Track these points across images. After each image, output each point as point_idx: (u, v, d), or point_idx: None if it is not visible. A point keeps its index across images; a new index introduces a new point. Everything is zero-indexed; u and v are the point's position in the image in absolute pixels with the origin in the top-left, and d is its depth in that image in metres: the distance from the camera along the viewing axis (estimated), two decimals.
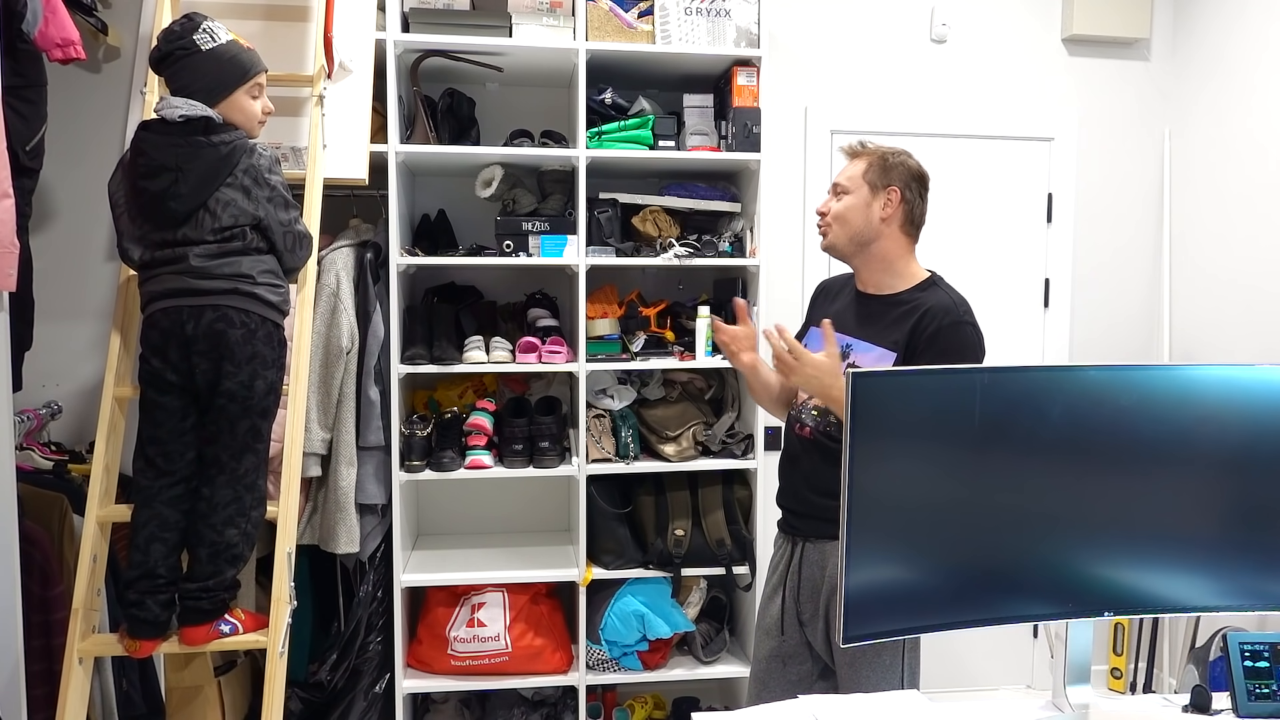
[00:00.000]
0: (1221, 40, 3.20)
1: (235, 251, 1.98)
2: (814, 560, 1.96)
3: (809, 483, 1.98)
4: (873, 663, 1.85)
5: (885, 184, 1.91)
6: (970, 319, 1.86)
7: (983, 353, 1.87)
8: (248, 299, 1.97)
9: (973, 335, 1.85)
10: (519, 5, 2.68)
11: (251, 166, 1.99)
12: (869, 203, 1.91)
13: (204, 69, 1.98)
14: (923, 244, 3.30)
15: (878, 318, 1.92)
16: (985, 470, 1.50)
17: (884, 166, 1.91)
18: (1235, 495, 1.56)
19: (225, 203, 1.97)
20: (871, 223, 1.91)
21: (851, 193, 1.92)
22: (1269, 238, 2.98)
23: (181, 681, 2.43)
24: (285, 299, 2.08)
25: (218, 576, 1.98)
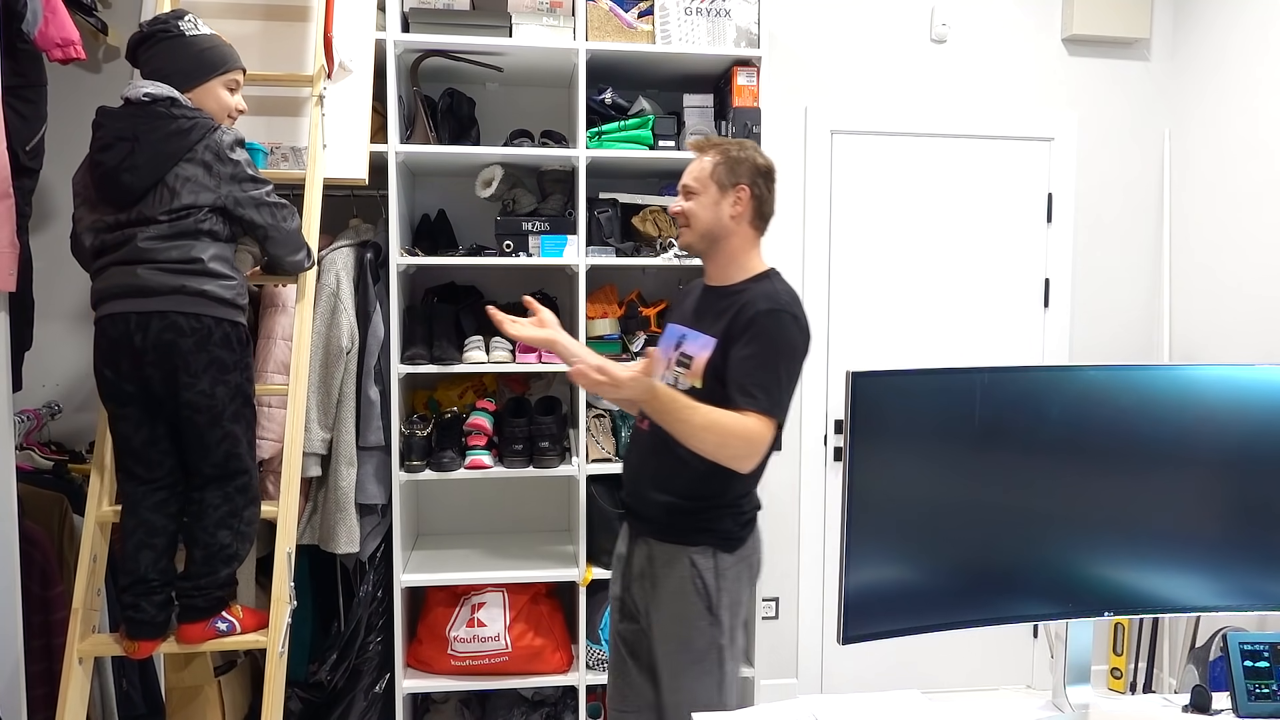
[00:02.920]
0: (1222, 40, 3.20)
1: (187, 233, 1.85)
2: (643, 557, 1.95)
3: (644, 477, 1.95)
4: (690, 669, 1.85)
5: (733, 182, 1.87)
6: (791, 310, 1.82)
7: (800, 345, 1.83)
8: (196, 299, 1.85)
9: (789, 324, 1.80)
10: (519, 5, 2.68)
11: (214, 143, 1.89)
12: (718, 201, 1.87)
13: (182, 53, 1.95)
14: (923, 244, 3.32)
15: (711, 307, 1.90)
16: (985, 470, 1.50)
17: (731, 164, 1.87)
18: (1235, 495, 1.56)
19: (185, 179, 1.86)
20: (722, 220, 1.88)
21: (700, 193, 1.89)
22: (1269, 237, 2.98)
23: (181, 681, 2.43)
24: (240, 293, 1.94)
25: (211, 575, 1.97)
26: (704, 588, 1.85)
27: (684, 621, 1.86)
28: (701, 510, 1.87)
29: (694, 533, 1.87)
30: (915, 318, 3.34)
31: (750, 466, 1.78)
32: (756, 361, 1.77)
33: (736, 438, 1.74)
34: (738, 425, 1.74)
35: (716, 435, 1.73)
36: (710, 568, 1.86)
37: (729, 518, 1.89)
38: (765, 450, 1.78)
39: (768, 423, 1.75)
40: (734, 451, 1.75)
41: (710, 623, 1.85)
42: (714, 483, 1.84)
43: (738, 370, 1.78)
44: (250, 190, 1.94)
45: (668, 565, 1.88)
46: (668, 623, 1.88)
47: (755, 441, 1.75)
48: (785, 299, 1.83)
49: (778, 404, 1.77)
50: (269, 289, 2.57)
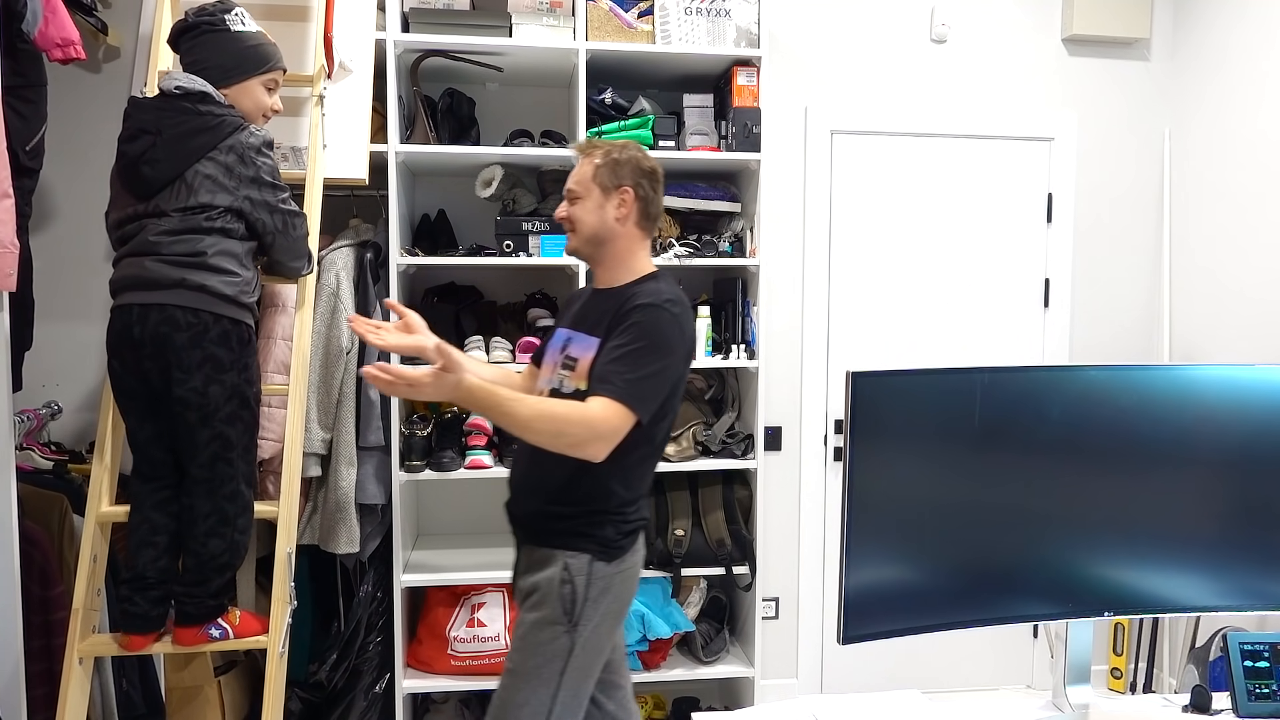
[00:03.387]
0: (1221, 40, 3.20)
1: (196, 229, 1.84)
2: (523, 565, 1.87)
3: (521, 481, 1.90)
4: (527, 672, 1.76)
5: (616, 184, 1.83)
6: (672, 308, 1.76)
7: (674, 341, 1.76)
8: (196, 293, 1.82)
9: (664, 320, 1.75)
10: (519, 5, 2.68)
11: (239, 143, 1.87)
12: (602, 204, 1.83)
13: (226, 47, 1.94)
14: (923, 244, 3.32)
15: (596, 309, 1.85)
16: (985, 470, 1.50)
17: (613, 167, 1.84)
18: (1235, 495, 1.56)
19: (205, 176, 1.85)
20: (606, 223, 1.84)
21: (583, 197, 1.84)
22: (1270, 238, 2.98)
23: (181, 681, 2.43)
24: (245, 290, 1.90)
25: (203, 584, 1.96)
26: (571, 593, 1.76)
27: (538, 626, 1.77)
28: (580, 515, 1.79)
29: (572, 537, 1.79)
30: (915, 318, 3.34)
31: (601, 453, 1.69)
32: (621, 350, 1.72)
33: (574, 424, 1.68)
34: (574, 411, 1.69)
35: (550, 423, 1.67)
36: (583, 574, 1.77)
37: (610, 525, 1.80)
38: (616, 437, 1.69)
39: (619, 409, 1.68)
40: (575, 438, 1.67)
41: (565, 630, 1.76)
42: (588, 485, 1.77)
43: (603, 360, 1.74)
44: (267, 195, 1.92)
45: (540, 569, 1.80)
46: (525, 626, 1.79)
47: (598, 426, 1.67)
48: (667, 297, 1.78)
49: (635, 394, 1.69)
50: (269, 289, 2.57)
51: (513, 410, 1.68)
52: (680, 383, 1.83)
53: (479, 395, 1.65)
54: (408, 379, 1.58)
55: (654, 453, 1.86)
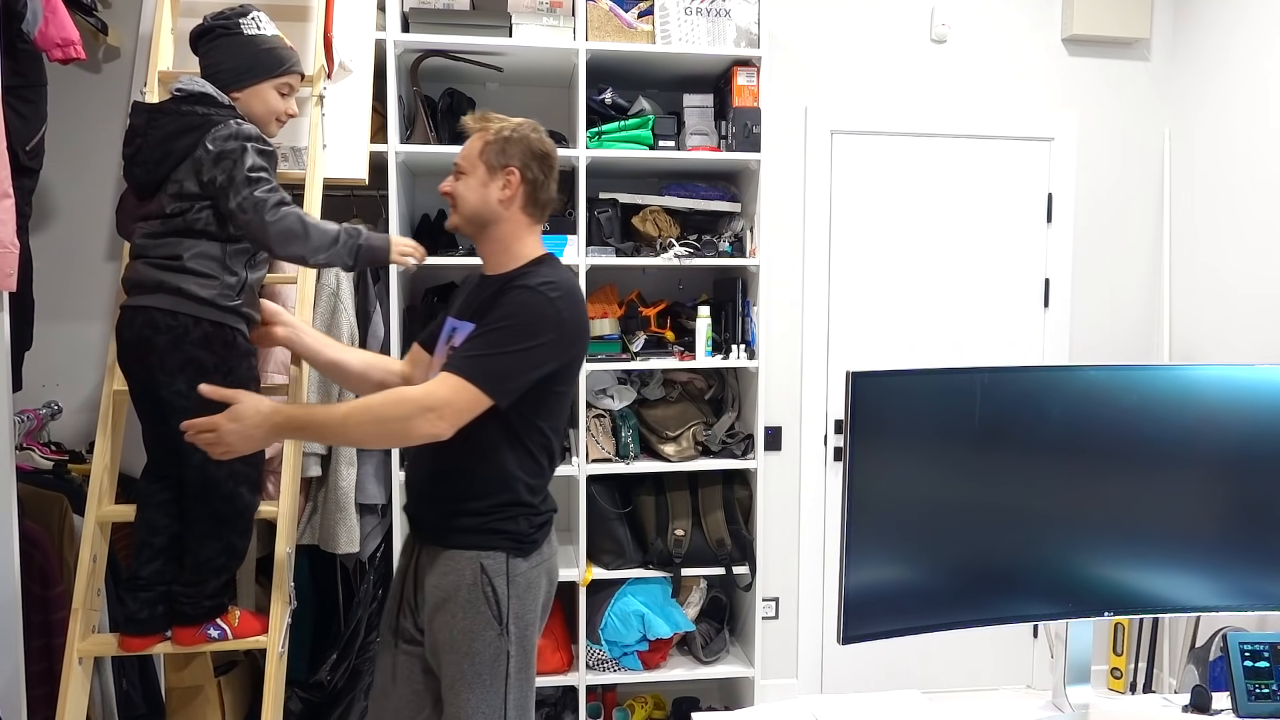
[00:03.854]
0: (1221, 40, 3.20)
1: (175, 231, 1.82)
2: (427, 569, 1.77)
3: (424, 481, 1.81)
4: (475, 684, 1.71)
5: (503, 164, 1.74)
6: (548, 292, 1.68)
7: (543, 326, 1.67)
8: (173, 296, 1.79)
9: (537, 302, 1.67)
10: (519, 5, 2.68)
11: (220, 138, 1.82)
12: (486, 183, 1.75)
13: (239, 50, 1.93)
14: (923, 244, 3.32)
15: (479, 296, 1.78)
16: (985, 470, 1.50)
17: (502, 145, 1.75)
18: (1235, 495, 1.56)
19: (186, 173, 1.83)
20: (489, 204, 1.75)
21: (468, 173, 1.76)
22: (1269, 237, 2.98)
23: (181, 681, 2.43)
24: (225, 294, 1.84)
25: (199, 586, 1.95)
26: (494, 595, 1.71)
27: (470, 632, 1.71)
28: (490, 511, 1.73)
29: (484, 535, 1.73)
30: (915, 318, 3.34)
31: (438, 427, 1.61)
32: (480, 331, 1.67)
33: (391, 404, 1.64)
34: (390, 394, 1.67)
35: (366, 413, 1.63)
36: (501, 573, 1.72)
37: (522, 519, 1.75)
38: (453, 411, 1.62)
39: (456, 383, 1.61)
40: (399, 418, 1.61)
41: (498, 633, 1.72)
42: (493, 479, 1.72)
43: (470, 340, 1.69)
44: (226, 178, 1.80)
45: (455, 572, 1.72)
46: (454, 635, 1.71)
47: (422, 399, 1.61)
48: (544, 279, 1.71)
49: (479, 370, 1.63)
50: (269, 289, 2.57)
51: (328, 418, 1.66)
52: (565, 370, 1.74)
53: (300, 419, 1.66)
54: (203, 426, 1.60)
55: (552, 441, 1.78)
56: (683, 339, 2.88)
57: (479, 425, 1.66)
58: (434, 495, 1.78)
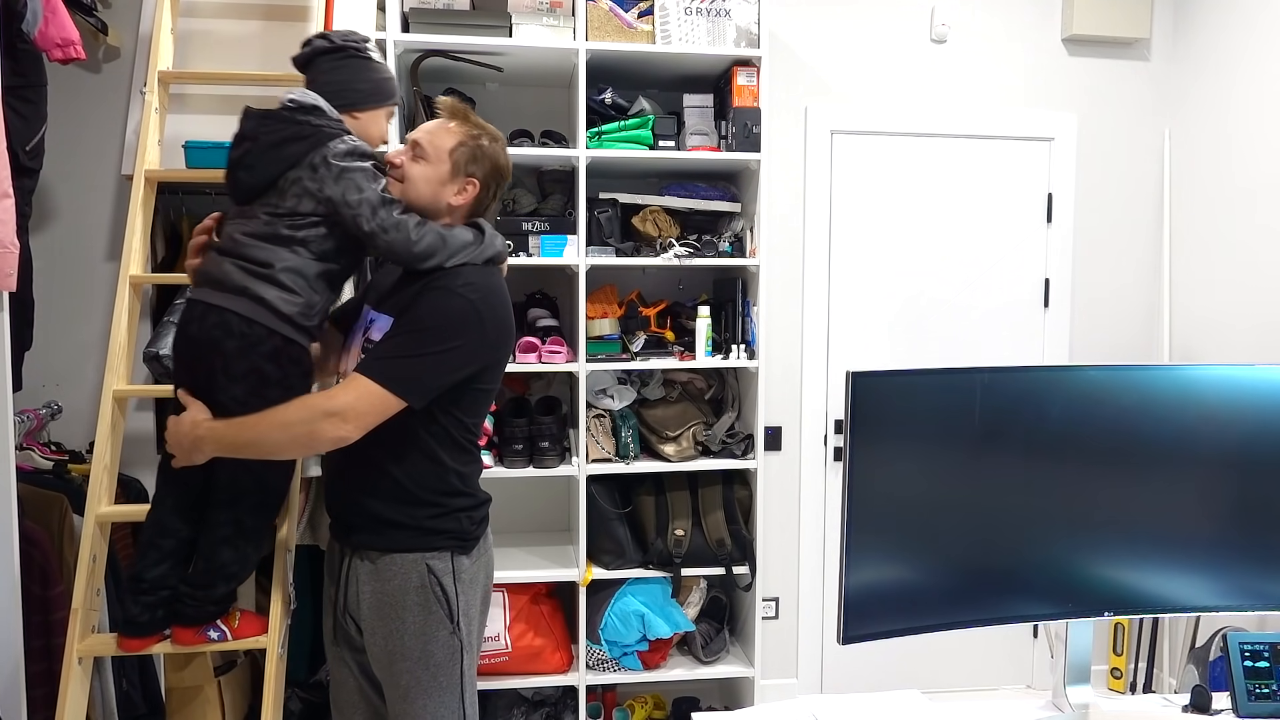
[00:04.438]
0: (1221, 40, 3.20)
1: (275, 239, 1.76)
2: (366, 574, 1.73)
3: (354, 487, 1.75)
4: (431, 686, 1.70)
5: (468, 172, 1.74)
6: (469, 294, 1.66)
7: (465, 326, 1.66)
8: (255, 304, 1.74)
9: (456, 304, 1.65)
10: (519, 5, 2.68)
11: (328, 149, 1.77)
12: (445, 181, 1.73)
13: (368, 74, 1.91)
14: (923, 244, 3.32)
15: (402, 288, 1.74)
16: (985, 470, 1.50)
17: (475, 154, 1.73)
18: (1235, 495, 1.56)
19: (293, 181, 1.77)
20: (439, 202, 1.73)
21: (429, 161, 1.72)
22: (1269, 237, 2.98)
23: (181, 681, 2.43)
24: (306, 313, 1.79)
25: (207, 590, 1.93)
26: (444, 595, 1.70)
27: (423, 635, 1.69)
28: (430, 509, 1.72)
29: (427, 535, 1.72)
30: (915, 317, 3.34)
31: (341, 430, 1.59)
32: (396, 331, 1.66)
33: (297, 409, 1.63)
34: (296, 401, 1.66)
35: (272, 422, 1.63)
36: (448, 572, 1.71)
37: (463, 515, 1.75)
38: (356, 413, 1.60)
39: (365, 385, 1.60)
40: (304, 426, 1.61)
41: (451, 632, 1.71)
42: (430, 479, 1.71)
43: (384, 341, 1.67)
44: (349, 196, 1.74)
45: (400, 576, 1.70)
46: (405, 641, 1.70)
47: (325, 404, 1.61)
48: (465, 281, 1.68)
49: (390, 372, 1.61)
50: None
51: (241, 429, 1.66)
52: (487, 370, 1.73)
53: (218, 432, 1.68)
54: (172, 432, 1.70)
55: (474, 434, 1.77)
56: (683, 339, 2.88)
57: (400, 423, 1.64)
58: (369, 499, 1.72)
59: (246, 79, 2.50)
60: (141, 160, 2.33)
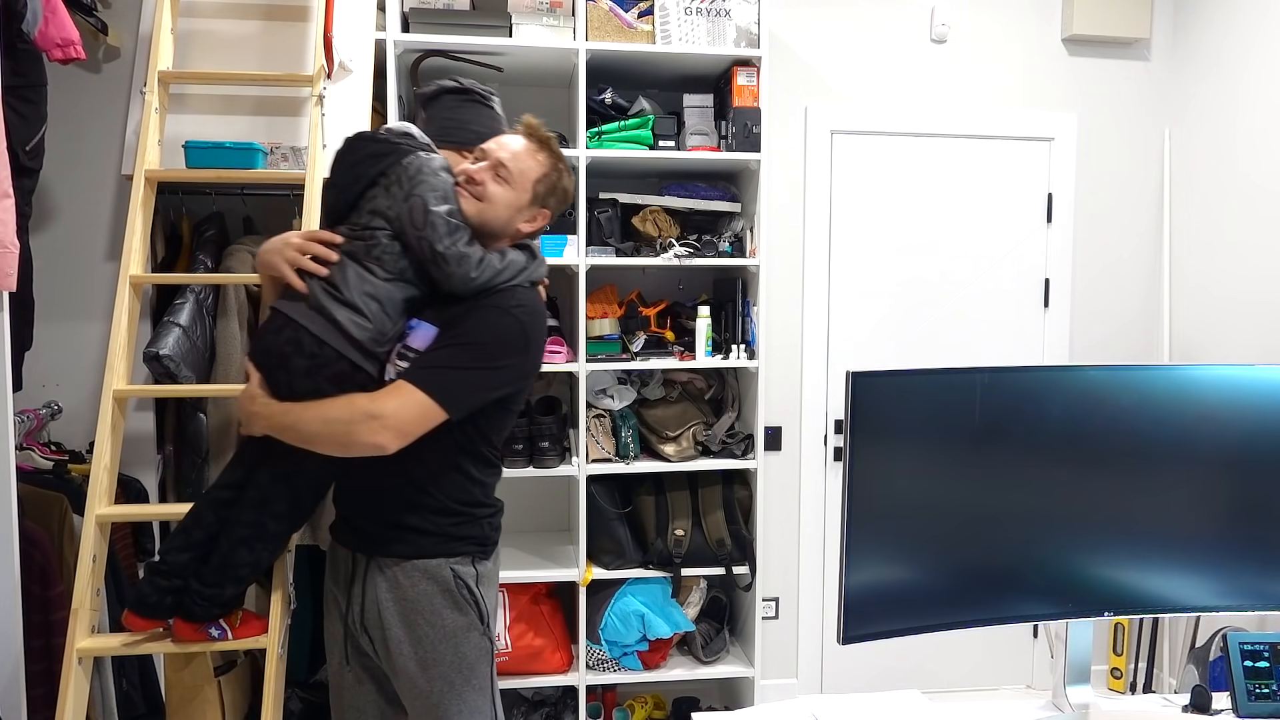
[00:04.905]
0: (1221, 40, 3.20)
1: (349, 255, 1.70)
2: (386, 585, 1.70)
3: (377, 497, 1.71)
4: (465, 689, 1.68)
5: (544, 204, 1.74)
6: (521, 316, 1.67)
7: (514, 348, 1.67)
8: (329, 325, 1.68)
9: (507, 324, 1.66)
10: (519, 5, 2.68)
11: (401, 167, 1.72)
12: (521, 209, 1.72)
13: (487, 121, 1.88)
14: (923, 244, 3.32)
15: (449, 300, 1.71)
16: (985, 470, 1.50)
17: (554, 188, 1.74)
18: (1235, 495, 1.56)
19: (370, 198, 1.74)
20: (510, 226, 1.72)
21: (513, 188, 1.70)
22: (1269, 237, 2.98)
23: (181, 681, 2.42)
24: (377, 339, 1.70)
25: (216, 589, 1.90)
26: (471, 598, 1.70)
27: (455, 638, 1.68)
28: (455, 519, 1.71)
29: (451, 541, 1.70)
30: (915, 317, 3.34)
31: (384, 439, 1.57)
32: (448, 343, 1.64)
33: (341, 405, 1.60)
34: (343, 397, 1.61)
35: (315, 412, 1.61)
36: (473, 575, 1.71)
37: (485, 521, 1.75)
38: (401, 422, 1.58)
39: (413, 395, 1.58)
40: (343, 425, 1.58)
41: (481, 633, 1.71)
42: (453, 488, 1.70)
43: (432, 351, 1.65)
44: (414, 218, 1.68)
45: (424, 582, 1.68)
46: (435, 646, 1.67)
47: (368, 408, 1.58)
48: (518, 302, 1.69)
49: (444, 385, 1.60)
50: None
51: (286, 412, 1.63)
52: (520, 391, 1.74)
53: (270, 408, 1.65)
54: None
55: (498, 451, 1.79)
56: (683, 339, 2.88)
57: (429, 435, 1.62)
58: (386, 508, 1.70)
59: (246, 79, 2.50)
60: (141, 160, 2.32)
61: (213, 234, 2.65)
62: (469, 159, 1.77)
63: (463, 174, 1.71)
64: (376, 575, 1.71)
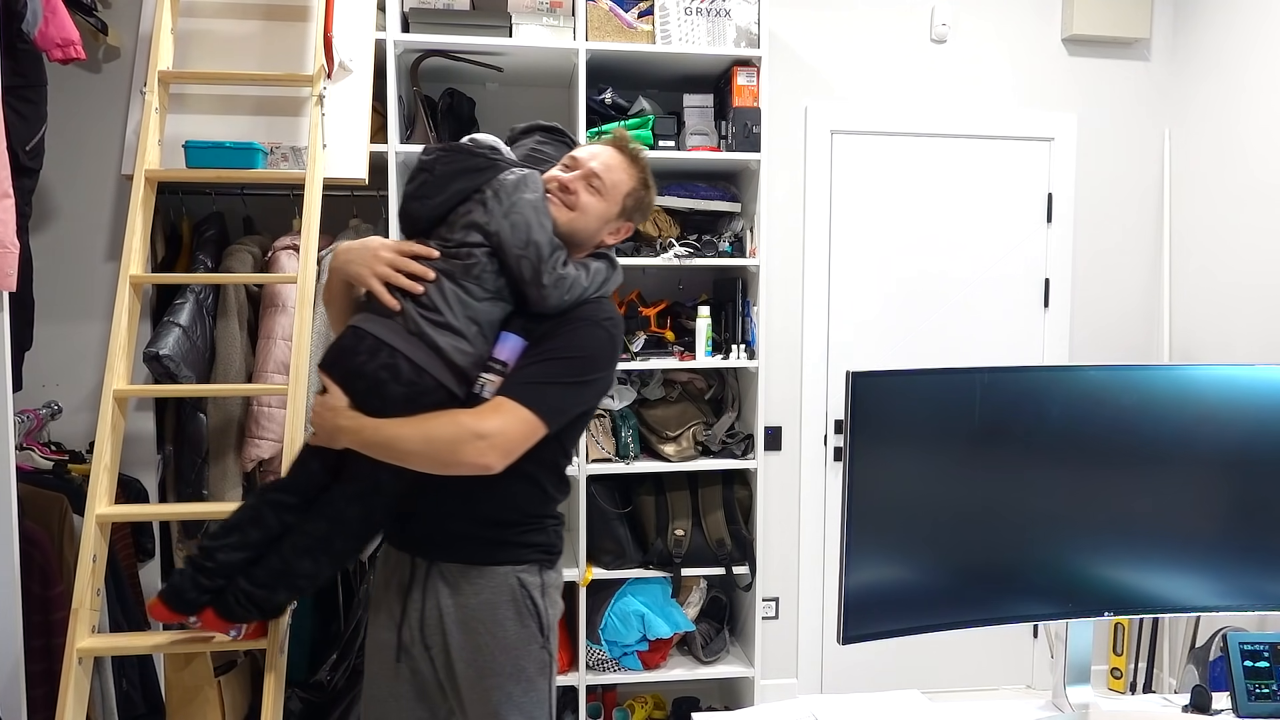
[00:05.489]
0: (1221, 40, 3.20)
1: (448, 275, 1.63)
2: (446, 594, 1.66)
3: (443, 504, 1.64)
4: (524, 700, 1.65)
5: (629, 217, 1.72)
6: (611, 328, 1.66)
7: (607, 359, 1.66)
8: (429, 352, 1.60)
9: (600, 336, 1.64)
10: (519, 5, 2.68)
11: (500, 182, 1.66)
12: (609, 220, 1.69)
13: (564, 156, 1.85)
14: (923, 244, 3.32)
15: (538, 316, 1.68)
16: (985, 470, 1.50)
17: (640, 202, 1.72)
18: (1235, 495, 1.56)
19: (463, 214, 1.66)
20: (595, 237, 1.69)
21: (605, 199, 1.67)
22: (1269, 237, 2.98)
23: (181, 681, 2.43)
24: (477, 362, 1.63)
25: (269, 591, 1.76)
26: (534, 608, 1.66)
27: (516, 649, 1.64)
28: (523, 527, 1.68)
29: (519, 549, 1.67)
30: (915, 317, 3.34)
31: (491, 460, 1.52)
32: (548, 356, 1.60)
33: (444, 423, 1.53)
34: (445, 413, 1.55)
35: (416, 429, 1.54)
36: (538, 585, 1.68)
37: (551, 529, 1.72)
38: (508, 440, 1.53)
39: (518, 412, 1.53)
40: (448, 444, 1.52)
41: (541, 645, 1.67)
42: (531, 498, 1.67)
43: (525, 362, 1.61)
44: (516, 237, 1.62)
45: (490, 590, 1.64)
46: (495, 655, 1.63)
47: (474, 427, 1.52)
48: (608, 315, 1.67)
49: (547, 401, 1.56)
50: (269, 289, 2.57)
51: (379, 428, 1.55)
52: (599, 399, 1.72)
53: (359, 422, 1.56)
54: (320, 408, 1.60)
55: (570, 462, 1.78)
56: (683, 339, 2.88)
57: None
58: (456, 520, 1.65)
59: (246, 79, 2.50)
60: (141, 160, 2.33)
61: (213, 234, 2.66)
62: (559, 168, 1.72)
63: (554, 181, 1.68)
64: (438, 582, 1.66)
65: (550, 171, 1.70)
